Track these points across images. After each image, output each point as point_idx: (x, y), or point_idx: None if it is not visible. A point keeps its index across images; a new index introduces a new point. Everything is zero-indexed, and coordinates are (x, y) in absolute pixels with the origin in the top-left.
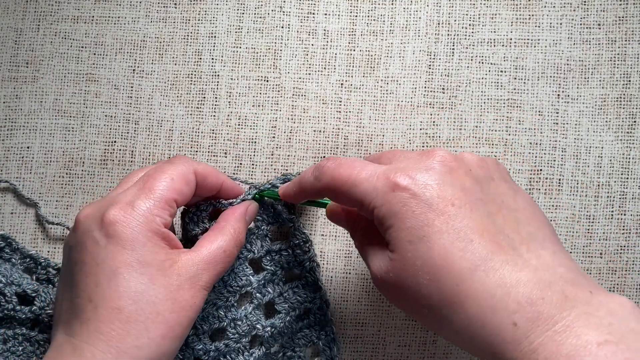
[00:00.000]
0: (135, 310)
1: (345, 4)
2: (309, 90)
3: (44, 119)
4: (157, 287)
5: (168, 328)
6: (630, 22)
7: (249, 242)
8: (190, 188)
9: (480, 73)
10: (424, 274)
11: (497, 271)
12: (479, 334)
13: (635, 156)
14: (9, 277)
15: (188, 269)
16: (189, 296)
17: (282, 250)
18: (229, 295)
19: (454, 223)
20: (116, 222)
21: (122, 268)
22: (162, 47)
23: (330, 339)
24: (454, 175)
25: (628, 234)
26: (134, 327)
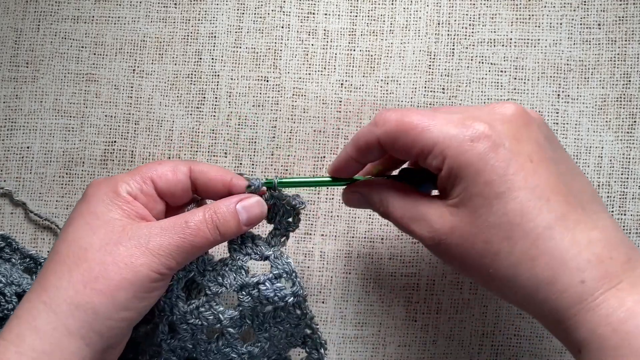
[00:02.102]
0: (66, 253)
1: (345, 4)
2: (309, 90)
3: (44, 119)
4: (94, 236)
5: (91, 277)
6: (630, 22)
7: (220, 275)
8: (176, 177)
9: (480, 73)
10: (497, 231)
11: (570, 231)
12: (544, 292)
13: (635, 156)
14: (9, 277)
15: (138, 230)
16: (127, 254)
17: (259, 284)
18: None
19: (532, 180)
20: (92, 185)
21: (75, 217)
22: (162, 47)
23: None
24: (530, 129)
25: (628, 234)
26: (59, 268)
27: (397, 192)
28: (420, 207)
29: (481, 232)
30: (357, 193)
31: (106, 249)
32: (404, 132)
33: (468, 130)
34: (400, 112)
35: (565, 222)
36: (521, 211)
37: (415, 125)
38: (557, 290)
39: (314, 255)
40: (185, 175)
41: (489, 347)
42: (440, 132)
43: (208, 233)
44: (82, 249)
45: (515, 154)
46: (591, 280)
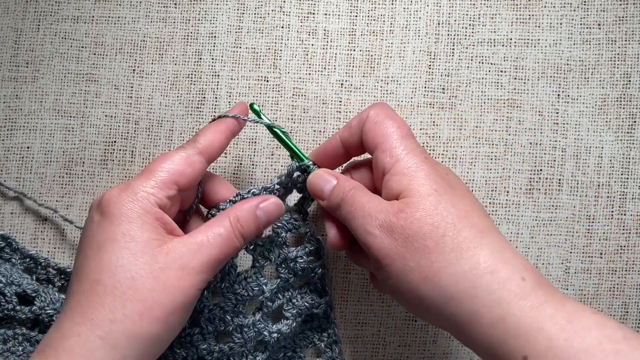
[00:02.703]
0: (113, 284)
1: (345, 4)
2: (309, 90)
3: (44, 119)
4: (139, 263)
5: (146, 306)
6: (630, 22)
7: (267, 250)
8: (194, 169)
9: (480, 73)
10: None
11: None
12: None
13: (635, 156)
14: (9, 277)
15: (177, 250)
16: (174, 278)
17: (297, 257)
18: (237, 303)
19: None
20: (110, 200)
21: (107, 242)
22: (162, 47)
23: (332, 341)
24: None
25: (628, 234)
26: (110, 301)
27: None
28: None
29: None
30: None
31: (154, 275)
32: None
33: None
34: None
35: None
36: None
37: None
38: (500, 279)
39: None
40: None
41: None
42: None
43: (237, 242)
44: (129, 278)
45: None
46: (530, 280)
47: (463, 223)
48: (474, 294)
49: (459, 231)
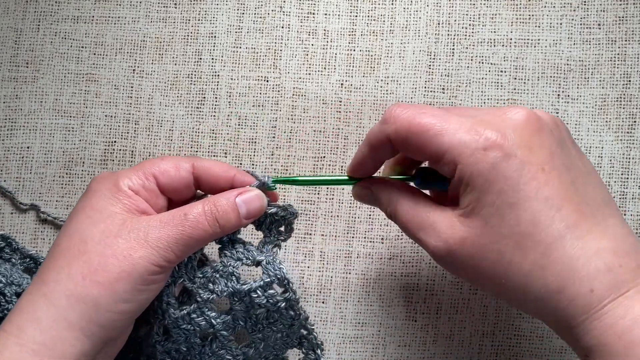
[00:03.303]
0: (67, 246)
1: (345, 4)
2: (309, 90)
3: (44, 119)
4: (94, 229)
5: (90, 269)
6: (630, 22)
7: (210, 282)
8: (179, 174)
9: (480, 73)
10: (509, 241)
11: (580, 240)
12: (554, 301)
13: (635, 156)
14: (9, 277)
15: (137, 224)
16: (125, 246)
17: (250, 291)
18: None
19: (544, 190)
20: (94, 180)
21: (77, 211)
22: (162, 47)
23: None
24: (542, 135)
25: None
26: (59, 261)
27: (407, 195)
28: (429, 214)
29: (493, 243)
30: (367, 189)
31: (105, 242)
32: (415, 134)
33: (480, 138)
34: (411, 110)
35: (577, 231)
36: (533, 222)
37: (428, 129)
38: (567, 299)
39: (314, 255)
40: (187, 172)
41: (489, 347)
42: (452, 139)
43: (207, 225)
44: (82, 241)
45: (527, 164)
46: (600, 289)
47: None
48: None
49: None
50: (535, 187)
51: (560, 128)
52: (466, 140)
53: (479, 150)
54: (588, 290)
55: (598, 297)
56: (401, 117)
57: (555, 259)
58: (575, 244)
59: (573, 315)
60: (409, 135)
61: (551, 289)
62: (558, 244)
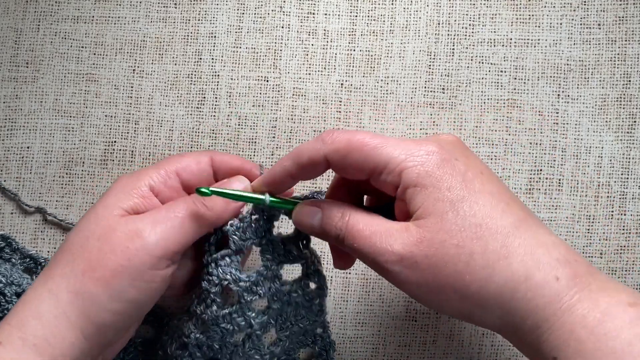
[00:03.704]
0: (72, 242)
1: (345, 4)
2: (309, 90)
3: (44, 119)
4: (97, 227)
5: (89, 264)
6: (630, 22)
7: (255, 285)
8: (200, 167)
9: (480, 73)
10: (467, 233)
11: (534, 232)
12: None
13: (635, 156)
14: (9, 277)
15: (137, 219)
16: (122, 239)
17: (291, 292)
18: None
19: (489, 188)
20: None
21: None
22: (162, 47)
23: (327, 343)
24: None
25: (628, 234)
26: (64, 257)
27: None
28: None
29: (452, 237)
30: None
31: (105, 237)
32: (356, 149)
33: (421, 147)
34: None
35: (528, 225)
36: (486, 213)
37: (367, 143)
38: (534, 285)
39: None
40: (208, 165)
41: (489, 347)
42: (393, 149)
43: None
44: (84, 238)
45: (469, 167)
46: (565, 278)
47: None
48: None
49: (486, 243)
50: (480, 184)
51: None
52: (407, 147)
53: (423, 155)
54: (554, 277)
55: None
56: (340, 137)
57: (515, 247)
58: (530, 235)
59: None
60: (350, 152)
61: (517, 277)
62: (516, 234)
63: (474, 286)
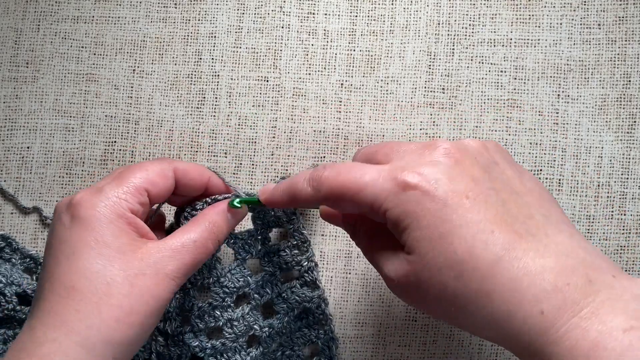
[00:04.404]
0: (89, 290)
1: (345, 4)
2: (309, 90)
3: (44, 119)
4: (114, 269)
5: (122, 312)
6: (630, 22)
7: (246, 244)
8: (166, 182)
9: (480, 73)
10: (448, 271)
11: (520, 260)
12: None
13: (635, 156)
14: (9, 277)
15: (152, 255)
16: (150, 283)
17: (280, 251)
18: (225, 296)
19: (471, 216)
20: (81, 204)
21: (81, 247)
22: (162, 47)
23: (329, 338)
24: (462, 166)
25: (628, 234)
26: (86, 306)
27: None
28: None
29: (434, 276)
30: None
31: (130, 281)
32: (341, 195)
33: (399, 182)
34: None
35: (514, 252)
36: (467, 249)
37: (349, 188)
38: (518, 324)
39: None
40: (172, 178)
41: (488, 347)
42: (373, 190)
43: (212, 247)
44: (104, 284)
45: (450, 194)
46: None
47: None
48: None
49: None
50: (461, 214)
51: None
52: (386, 187)
53: (400, 193)
54: (538, 312)
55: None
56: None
57: (498, 283)
58: (515, 265)
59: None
60: (337, 199)
61: (500, 316)
62: (497, 268)
63: (461, 318)
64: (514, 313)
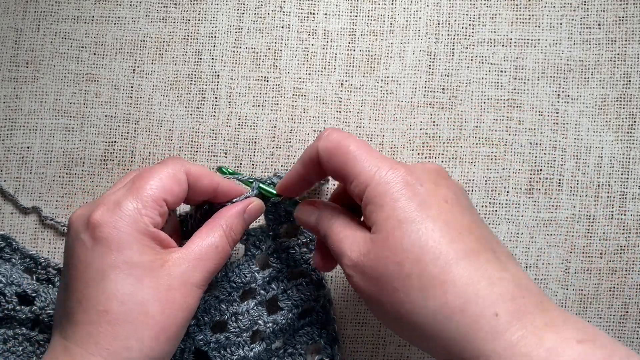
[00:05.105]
0: (123, 312)
1: (345, 4)
2: (309, 90)
3: (44, 119)
4: (145, 288)
5: (159, 329)
6: (630, 22)
7: (257, 240)
8: (182, 188)
9: (480, 73)
10: (409, 254)
11: (482, 265)
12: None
13: (635, 156)
14: (9, 277)
15: (178, 267)
16: (180, 296)
17: (289, 248)
18: (232, 290)
19: (446, 216)
20: (102, 224)
21: (108, 270)
22: (162, 47)
23: (331, 338)
24: (448, 181)
25: (628, 234)
26: (123, 329)
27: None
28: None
29: (394, 255)
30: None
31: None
32: (340, 153)
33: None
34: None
35: (477, 257)
36: (434, 238)
37: (350, 151)
38: (469, 320)
39: None
40: (186, 182)
41: None
42: (367, 165)
43: (229, 249)
44: (138, 304)
45: (432, 194)
46: (505, 314)
47: (431, 254)
48: (446, 335)
49: (425, 266)
50: (437, 211)
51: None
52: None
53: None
54: (492, 313)
55: (504, 323)
56: (332, 137)
57: (456, 276)
58: (475, 267)
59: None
60: (335, 153)
61: (451, 307)
62: (459, 264)
63: (407, 307)
64: (467, 308)
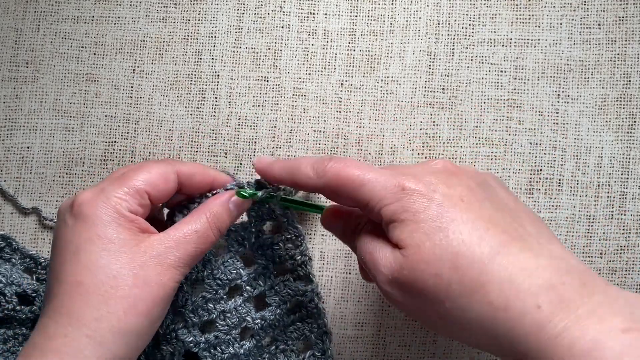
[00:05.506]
0: (95, 283)
1: (345, 4)
2: (309, 90)
3: (44, 119)
4: (119, 263)
5: (129, 303)
6: (630, 22)
7: (241, 237)
8: (168, 186)
9: (480, 73)
10: (444, 263)
11: (516, 256)
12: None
13: (635, 156)
14: (9, 277)
15: (154, 247)
16: (154, 273)
17: (273, 244)
18: (217, 288)
19: (467, 215)
20: (83, 203)
21: (84, 244)
22: (162, 47)
23: (322, 332)
24: (458, 177)
25: (628, 234)
26: (93, 300)
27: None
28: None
29: (430, 267)
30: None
31: (134, 273)
32: (343, 186)
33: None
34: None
35: (509, 249)
36: (463, 241)
37: (353, 180)
38: (514, 316)
39: (314, 255)
40: (175, 182)
41: None
42: (372, 187)
43: (212, 236)
44: (110, 277)
45: (447, 196)
46: (547, 305)
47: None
48: (494, 333)
49: (463, 273)
50: (458, 212)
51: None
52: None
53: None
54: (535, 306)
55: (547, 315)
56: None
57: (493, 275)
58: (510, 261)
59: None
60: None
61: (495, 307)
62: (494, 261)
63: (455, 313)
64: (509, 306)
